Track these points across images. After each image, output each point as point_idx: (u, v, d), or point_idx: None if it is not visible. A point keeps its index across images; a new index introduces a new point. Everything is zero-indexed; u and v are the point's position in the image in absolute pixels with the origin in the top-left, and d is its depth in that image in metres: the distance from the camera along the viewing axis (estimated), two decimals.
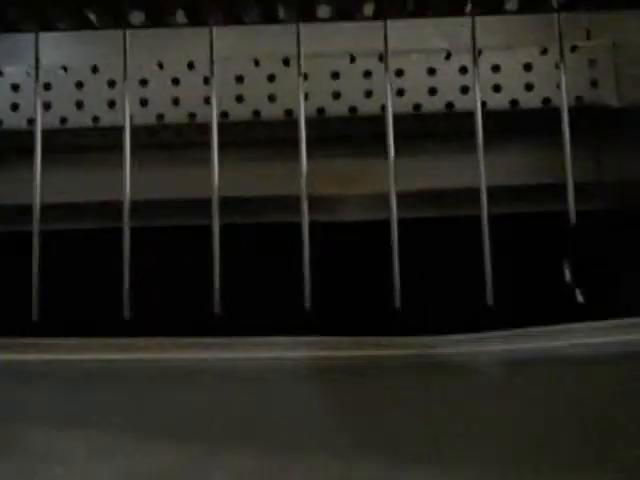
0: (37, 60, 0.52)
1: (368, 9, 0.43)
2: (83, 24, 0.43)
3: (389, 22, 0.56)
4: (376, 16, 0.44)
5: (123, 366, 0.41)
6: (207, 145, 0.56)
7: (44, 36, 0.60)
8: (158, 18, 0.43)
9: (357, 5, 0.42)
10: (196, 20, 0.43)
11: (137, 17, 0.42)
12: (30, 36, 0.55)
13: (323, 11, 0.42)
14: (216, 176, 0.54)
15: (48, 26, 0.44)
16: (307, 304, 0.47)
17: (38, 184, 0.55)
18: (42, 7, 0.41)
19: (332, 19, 0.42)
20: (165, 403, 0.40)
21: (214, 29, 0.47)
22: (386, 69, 0.53)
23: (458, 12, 0.44)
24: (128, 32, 0.55)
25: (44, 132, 0.60)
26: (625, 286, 0.50)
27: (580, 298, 0.47)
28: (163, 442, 0.39)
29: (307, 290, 0.48)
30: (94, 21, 0.43)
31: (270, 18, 0.43)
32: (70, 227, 0.63)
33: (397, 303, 0.46)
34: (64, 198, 0.63)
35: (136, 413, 0.40)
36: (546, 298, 0.54)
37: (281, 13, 0.43)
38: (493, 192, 0.57)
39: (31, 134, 0.57)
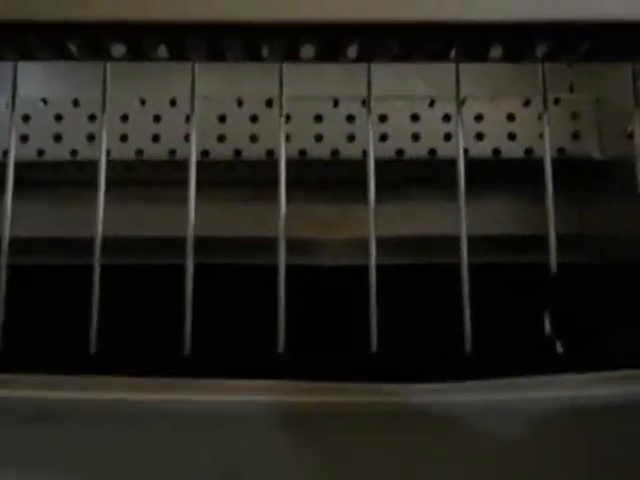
0: (14, 89, 0.51)
1: (352, 51, 0.43)
2: (63, 55, 0.42)
3: (374, 68, 0.56)
4: (360, 59, 0.43)
5: (81, 405, 0.39)
6: (186, 183, 0.56)
7: (25, 68, 0.61)
8: (140, 52, 0.42)
9: (341, 47, 0.42)
10: (178, 55, 0.42)
11: (118, 50, 0.42)
12: (11, 67, 0.55)
13: (307, 51, 0.42)
14: (192, 213, 0.53)
15: (28, 56, 0.43)
16: (280, 348, 0.46)
17: (8, 216, 0.54)
18: (22, 36, 0.41)
19: (315, 60, 0.42)
20: (121, 445, 0.38)
21: (197, 67, 0.47)
22: (369, 111, 0.53)
23: (442, 58, 0.44)
24: (110, 68, 0.55)
25: (20, 164, 0.59)
26: (606, 338, 0.49)
27: (560, 349, 0.47)
28: None
29: (281, 334, 0.47)
30: (74, 53, 0.42)
31: (253, 56, 0.42)
32: (41, 262, 0.62)
33: (374, 347, 0.45)
34: (37, 232, 0.62)
35: (89, 454, 0.38)
36: (526, 349, 0.53)
37: (264, 52, 0.42)
38: (474, 241, 0.57)
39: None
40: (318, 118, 0.61)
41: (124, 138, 0.60)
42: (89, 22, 0.41)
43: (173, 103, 0.60)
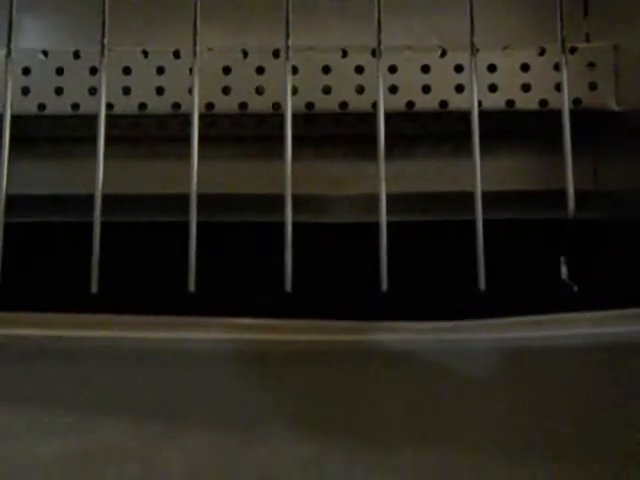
0: (10, 27, 0.50)
1: None
2: None
3: (383, 22, 0.55)
4: None
5: (76, 344, 0.38)
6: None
7: (24, 20, 0.59)
8: None
9: None
10: None
11: None
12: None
13: None
14: (195, 168, 0.51)
15: None
16: (288, 287, 0.44)
17: (4, 173, 0.53)
18: None
19: None
20: (118, 382, 0.37)
21: (198, 1, 0.45)
22: (379, 50, 0.51)
23: None
24: (112, 17, 0.54)
25: (21, 118, 0.58)
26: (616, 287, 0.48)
27: (576, 288, 0.45)
28: (113, 420, 0.36)
29: (288, 275, 0.45)
30: None
31: None
32: (45, 219, 0.61)
33: (384, 286, 0.43)
34: (39, 190, 0.61)
35: (86, 390, 0.37)
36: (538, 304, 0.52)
37: None
38: (487, 196, 0.55)
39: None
40: (326, 69, 0.60)
41: (127, 91, 0.59)
42: None
43: (177, 55, 0.59)
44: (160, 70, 0.59)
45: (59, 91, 0.59)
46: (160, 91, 0.59)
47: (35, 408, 0.37)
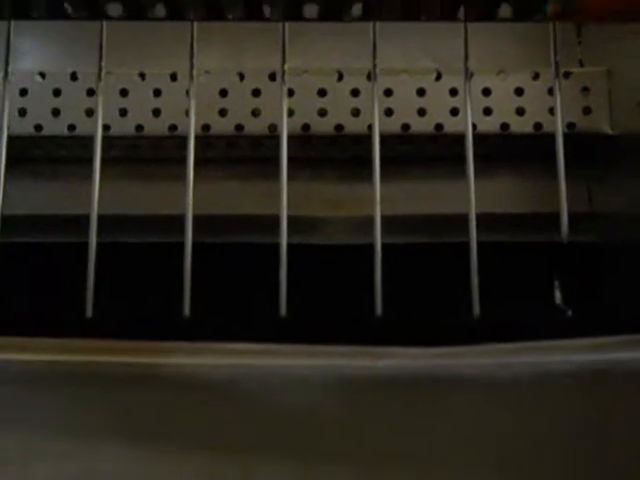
0: (8, 51, 0.50)
1: (357, 10, 0.41)
2: (59, 13, 0.41)
3: (379, 46, 0.55)
4: (365, 17, 0.42)
5: (69, 369, 0.38)
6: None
7: (21, 42, 0.59)
8: (136, 11, 0.41)
9: (345, 5, 0.41)
10: (176, 14, 0.41)
11: (115, 9, 0.41)
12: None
13: (310, 11, 0.41)
14: (190, 189, 0.51)
15: (22, 14, 0.42)
16: (282, 311, 0.44)
17: (0, 193, 0.53)
18: None
19: (319, 19, 0.41)
20: (113, 406, 0.37)
21: (195, 25, 0.45)
22: (374, 78, 0.51)
23: (451, 17, 0.43)
24: (109, 40, 0.54)
25: (18, 139, 0.58)
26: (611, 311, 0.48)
27: (570, 313, 0.45)
28: (109, 443, 0.36)
29: (283, 300, 0.45)
30: (70, 11, 0.41)
31: (255, 15, 0.41)
32: (41, 240, 0.61)
33: (379, 310, 0.43)
34: (38, 210, 0.61)
35: (79, 416, 0.37)
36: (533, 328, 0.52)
37: (266, 11, 0.41)
38: (481, 219, 0.55)
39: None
40: (322, 92, 0.60)
41: (123, 113, 0.59)
42: None
43: (174, 77, 0.59)
44: (157, 92, 0.59)
45: (56, 112, 0.59)
46: (157, 113, 0.59)
47: (30, 431, 0.37)
